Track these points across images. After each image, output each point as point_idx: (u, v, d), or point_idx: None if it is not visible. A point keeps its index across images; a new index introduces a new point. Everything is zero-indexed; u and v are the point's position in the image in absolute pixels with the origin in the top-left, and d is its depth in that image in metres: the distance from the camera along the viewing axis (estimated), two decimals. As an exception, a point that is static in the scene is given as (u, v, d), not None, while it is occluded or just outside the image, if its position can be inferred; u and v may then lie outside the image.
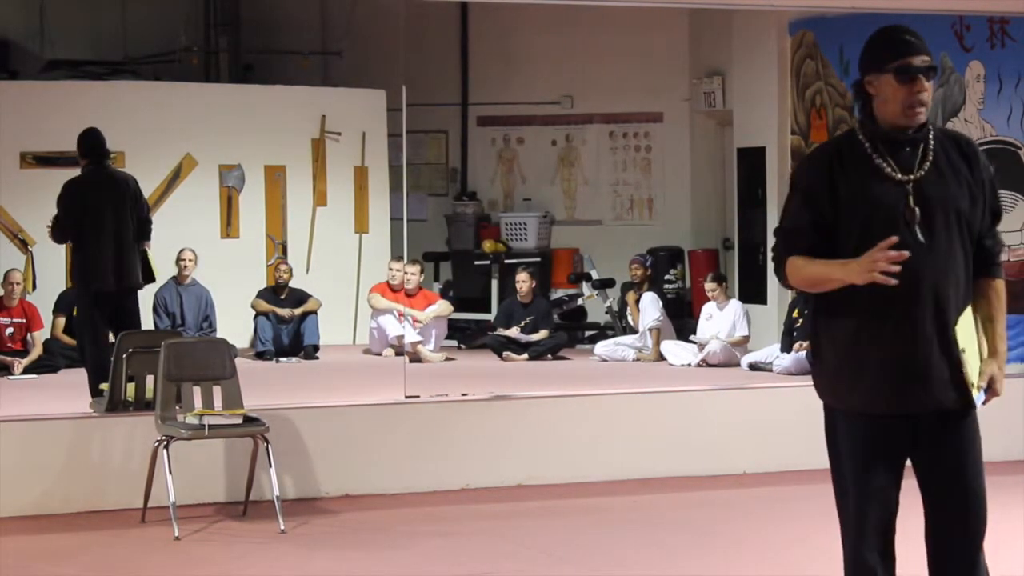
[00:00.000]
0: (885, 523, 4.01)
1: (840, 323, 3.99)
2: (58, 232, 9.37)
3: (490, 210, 15.46)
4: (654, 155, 15.16)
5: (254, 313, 13.13)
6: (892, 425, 3.98)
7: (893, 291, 3.85)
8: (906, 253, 3.82)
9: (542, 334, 13.19)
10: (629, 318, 13.32)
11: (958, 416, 4.01)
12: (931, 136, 4.04)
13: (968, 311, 4.01)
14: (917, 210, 3.96)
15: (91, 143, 9.33)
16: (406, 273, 13.25)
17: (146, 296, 10.66)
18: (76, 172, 9.44)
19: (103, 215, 9.14)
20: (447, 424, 8.44)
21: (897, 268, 3.81)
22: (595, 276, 14.26)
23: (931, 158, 4.03)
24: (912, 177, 4.00)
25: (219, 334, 12.15)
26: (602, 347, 13.13)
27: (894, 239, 3.85)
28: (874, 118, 4.05)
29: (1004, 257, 4.14)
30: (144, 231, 9.35)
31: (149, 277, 9.48)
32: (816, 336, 4.11)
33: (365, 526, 7.49)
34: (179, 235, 12.82)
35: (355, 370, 12.38)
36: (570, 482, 8.43)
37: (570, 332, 14.02)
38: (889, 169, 4.00)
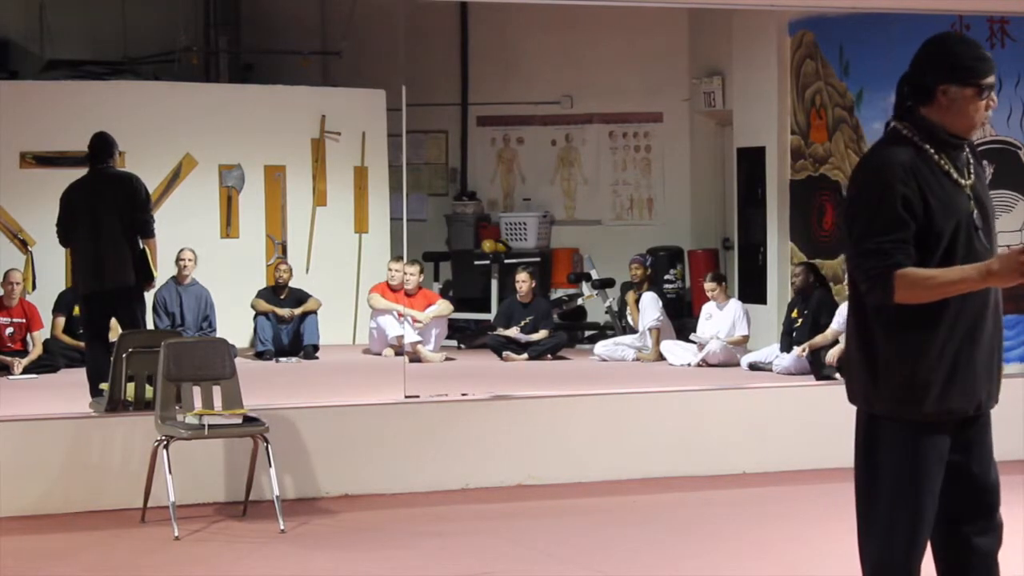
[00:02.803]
0: (930, 532, 4.02)
1: (919, 332, 3.91)
2: (58, 235, 9.43)
3: (490, 210, 15.46)
4: (654, 155, 15.16)
5: (254, 313, 13.14)
6: (946, 429, 3.97)
7: (968, 297, 3.88)
8: None
9: (542, 334, 13.19)
10: (629, 318, 13.32)
11: (987, 414, 4.07)
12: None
13: None
14: (978, 214, 3.98)
15: (94, 146, 9.34)
16: (406, 273, 13.25)
17: (146, 296, 10.66)
18: (77, 172, 9.46)
19: (91, 217, 9.15)
20: (447, 424, 8.44)
21: None
22: (595, 276, 14.26)
23: (971, 162, 4.07)
24: (969, 182, 4.02)
25: (219, 334, 12.15)
26: (602, 347, 13.13)
27: None
28: (925, 120, 4.00)
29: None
30: (145, 230, 9.33)
31: (148, 277, 9.43)
32: (873, 347, 3.98)
33: (365, 526, 7.50)
34: (179, 235, 12.81)
35: (355, 370, 12.38)
36: (570, 482, 8.43)
37: (570, 332, 14.02)
38: (956, 175, 4.00)
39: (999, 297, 4.04)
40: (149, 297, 11.46)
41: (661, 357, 12.75)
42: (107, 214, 9.18)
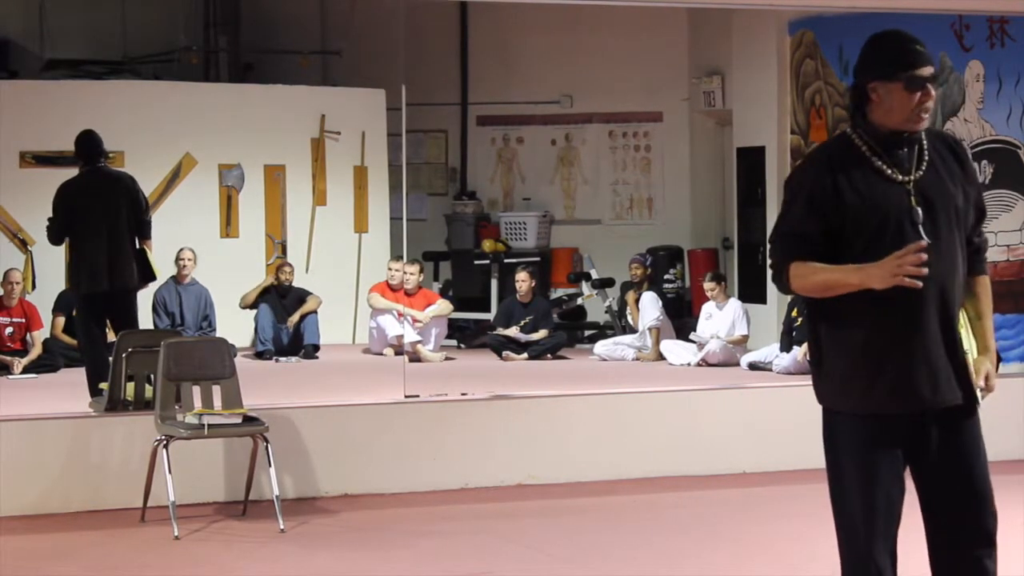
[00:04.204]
0: (893, 525, 4.02)
1: (847, 327, 3.97)
2: (51, 234, 9.39)
3: (490, 209, 15.46)
4: (654, 155, 15.16)
5: (254, 312, 13.13)
6: (897, 426, 3.99)
7: (901, 292, 3.87)
8: (924, 256, 3.82)
9: (542, 334, 13.19)
10: (629, 318, 13.32)
11: (963, 415, 4.03)
12: (923, 136, 4.07)
13: (961, 309, 4.06)
14: (920, 210, 3.98)
15: (83, 145, 9.33)
16: (406, 273, 13.25)
17: (146, 295, 10.65)
18: (75, 172, 9.44)
19: (93, 217, 9.13)
20: (447, 424, 8.44)
21: (924, 271, 3.82)
22: (595, 276, 14.26)
23: (927, 158, 4.06)
24: (912, 178, 4.03)
25: (219, 333, 12.15)
26: (602, 347, 13.13)
27: (923, 243, 3.86)
28: (869, 120, 4.05)
29: (1004, 257, 4.17)
30: (143, 230, 9.33)
31: (149, 276, 9.43)
32: (817, 342, 4.08)
33: (365, 526, 7.50)
34: (178, 234, 12.81)
35: (355, 370, 12.38)
36: (570, 482, 8.43)
37: (570, 332, 14.02)
38: (889, 171, 4.02)
39: (951, 296, 4.00)
40: (148, 297, 11.50)
41: (661, 357, 12.75)
42: (110, 215, 9.16)
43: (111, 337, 9.03)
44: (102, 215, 9.15)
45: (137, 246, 9.28)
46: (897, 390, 3.96)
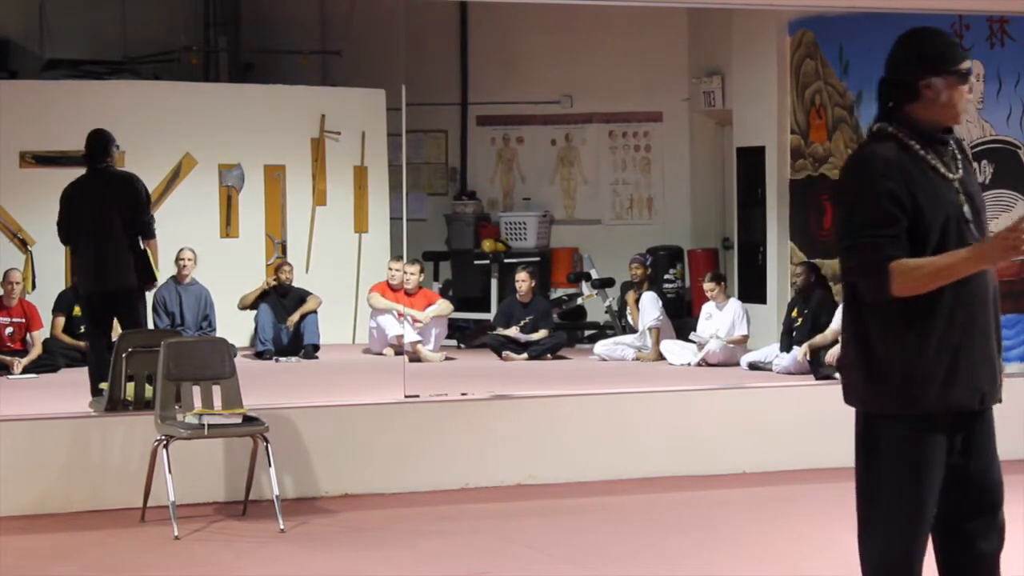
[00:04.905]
0: (929, 525, 4.02)
1: (915, 328, 3.91)
2: (60, 234, 9.42)
3: (490, 209, 15.46)
4: (653, 155, 15.17)
5: (254, 312, 13.13)
6: (943, 426, 3.96)
7: (967, 291, 3.89)
8: None
9: (542, 334, 13.19)
10: (629, 317, 13.32)
11: (987, 412, 4.05)
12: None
13: None
14: (968, 208, 4.00)
15: (88, 145, 9.33)
16: (406, 273, 13.25)
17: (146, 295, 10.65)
18: (77, 172, 9.44)
19: (93, 217, 9.13)
20: (447, 424, 8.44)
21: None
22: (595, 276, 14.27)
23: (959, 156, 4.08)
24: (958, 176, 4.03)
25: (219, 333, 12.15)
26: (602, 347, 13.13)
27: None
28: (911, 117, 4.02)
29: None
30: (146, 231, 9.32)
31: (149, 277, 9.41)
32: (865, 344, 3.99)
33: (365, 526, 7.50)
34: (178, 234, 12.81)
35: (355, 370, 12.38)
36: (570, 482, 8.43)
37: (570, 332, 14.03)
38: (943, 169, 4.01)
39: (996, 288, 4.04)
40: (149, 297, 11.48)
41: (661, 357, 12.75)
42: (109, 215, 9.16)
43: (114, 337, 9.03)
44: (102, 215, 9.15)
45: (141, 247, 9.27)
46: (969, 386, 3.94)
